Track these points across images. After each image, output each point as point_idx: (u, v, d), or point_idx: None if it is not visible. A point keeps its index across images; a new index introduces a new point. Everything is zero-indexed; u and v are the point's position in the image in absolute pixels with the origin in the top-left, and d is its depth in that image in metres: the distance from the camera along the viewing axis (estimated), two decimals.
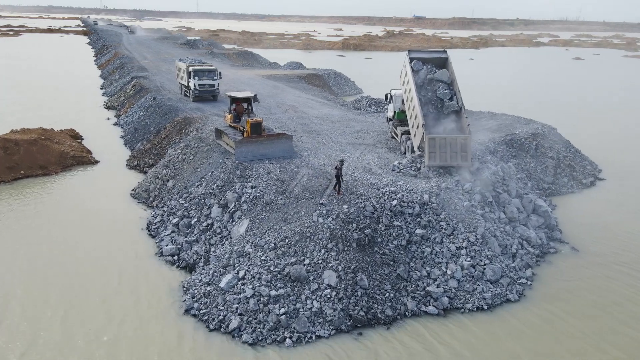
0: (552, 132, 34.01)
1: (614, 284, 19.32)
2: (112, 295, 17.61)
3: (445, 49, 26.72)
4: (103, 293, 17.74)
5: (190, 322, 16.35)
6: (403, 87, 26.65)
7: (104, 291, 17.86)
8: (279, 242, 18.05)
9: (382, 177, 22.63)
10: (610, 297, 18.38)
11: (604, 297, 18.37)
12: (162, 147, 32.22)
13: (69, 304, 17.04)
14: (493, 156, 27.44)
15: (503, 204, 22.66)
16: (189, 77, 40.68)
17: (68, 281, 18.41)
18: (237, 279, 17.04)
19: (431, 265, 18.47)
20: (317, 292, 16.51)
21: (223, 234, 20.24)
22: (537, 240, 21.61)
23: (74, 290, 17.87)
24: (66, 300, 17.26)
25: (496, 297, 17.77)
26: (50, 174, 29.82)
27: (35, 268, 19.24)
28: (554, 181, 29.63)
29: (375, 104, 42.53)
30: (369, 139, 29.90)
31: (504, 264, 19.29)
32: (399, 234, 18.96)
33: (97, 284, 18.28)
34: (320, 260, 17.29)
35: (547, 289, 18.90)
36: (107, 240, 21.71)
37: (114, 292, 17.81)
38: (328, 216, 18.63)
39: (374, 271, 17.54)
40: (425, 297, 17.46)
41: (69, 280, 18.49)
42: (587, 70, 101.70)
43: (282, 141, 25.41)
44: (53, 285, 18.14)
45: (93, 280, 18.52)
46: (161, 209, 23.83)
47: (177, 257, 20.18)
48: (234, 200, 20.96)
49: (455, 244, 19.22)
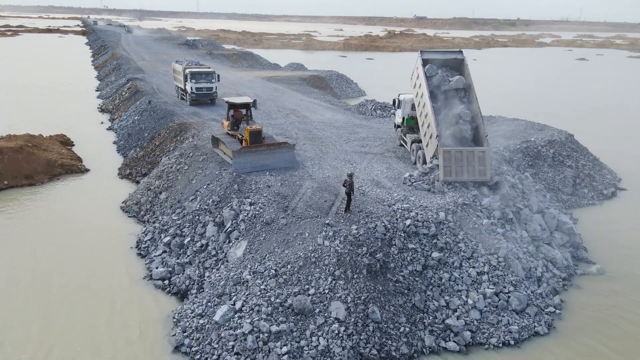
0: (569, 138, 32.13)
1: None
2: (95, 328, 15.73)
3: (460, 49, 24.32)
4: (86, 325, 15.86)
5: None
6: (414, 90, 24.70)
7: (88, 322, 15.98)
8: (280, 268, 16.16)
9: (393, 192, 20.75)
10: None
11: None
12: (156, 155, 30.34)
13: (49, 337, 15.17)
14: (509, 166, 25.59)
15: (524, 220, 20.78)
16: (185, 80, 38.83)
17: (49, 311, 16.52)
18: (233, 311, 15.16)
19: (450, 293, 16.58)
20: (324, 327, 14.63)
21: (219, 256, 18.37)
22: (562, 262, 19.74)
23: (55, 321, 15.99)
24: (46, 332, 15.39)
25: (523, 330, 15.88)
26: (36, 184, 27.95)
27: (15, 294, 17.37)
28: (573, 192, 27.75)
29: (381, 109, 40.62)
30: (376, 147, 28.02)
31: (529, 290, 17.41)
32: (414, 258, 17.07)
33: (80, 314, 16.39)
34: (327, 289, 15.41)
35: (579, 318, 17.02)
36: (93, 261, 19.81)
37: (98, 324, 15.93)
38: (335, 238, 16.75)
39: (387, 302, 15.65)
40: (444, 331, 15.57)
41: (50, 310, 16.60)
42: (594, 71, 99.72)
43: (283, 151, 23.56)
44: (33, 315, 16.27)
45: (76, 310, 16.63)
46: (152, 224, 21.96)
47: (168, 281, 18.30)
48: (231, 219, 19.07)
49: (475, 268, 17.34)
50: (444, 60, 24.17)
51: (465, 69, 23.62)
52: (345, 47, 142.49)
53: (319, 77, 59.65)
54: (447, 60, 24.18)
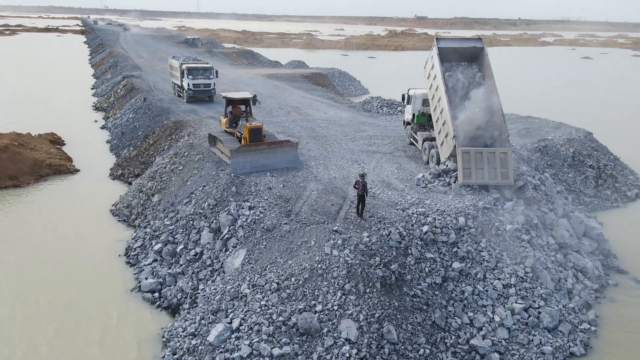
0: (588, 137, 30.30)
1: None
2: (76, 346, 13.93)
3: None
4: (66, 342, 14.08)
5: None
6: (428, 82, 22.69)
7: (68, 340, 14.20)
8: (283, 281, 14.33)
9: (406, 194, 18.93)
10: None
11: None
12: (149, 154, 28.52)
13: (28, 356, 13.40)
14: (528, 166, 23.76)
15: (550, 226, 18.94)
16: (182, 76, 37.00)
17: (25, 327, 14.73)
18: (230, 330, 13.33)
19: (474, 309, 14.74)
20: (333, 350, 12.79)
21: (214, 266, 16.53)
22: (594, 271, 17.92)
23: (31, 339, 14.21)
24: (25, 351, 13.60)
25: (558, 351, 14.05)
26: (21, 186, 26.15)
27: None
28: (595, 194, 25.94)
29: (387, 106, 38.75)
30: (385, 146, 26.18)
31: (561, 304, 15.59)
32: (433, 269, 15.25)
33: (60, 330, 14.63)
34: (336, 306, 13.58)
35: (617, 335, 15.22)
36: (77, 270, 18.01)
37: (79, 342, 14.14)
38: (344, 247, 14.91)
39: (404, 319, 13.82)
40: (469, 352, 13.73)
41: (26, 326, 14.82)
42: (601, 69, 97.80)
43: (285, 150, 21.74)
44: (6, 331, 14.48)
45: (55, 326, 14.85)
46: (143, 230, 20.16)
47: (158, 293, 16.49)
48: (228, 225, 17.24)
49: (501, 280, 15.51)
50: (461, 49, 22.14)
51: (484, 59, 21.66)
52: (346, 46, 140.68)
53: (321, 74, 57.82)
54: (465, 49, 22.16)
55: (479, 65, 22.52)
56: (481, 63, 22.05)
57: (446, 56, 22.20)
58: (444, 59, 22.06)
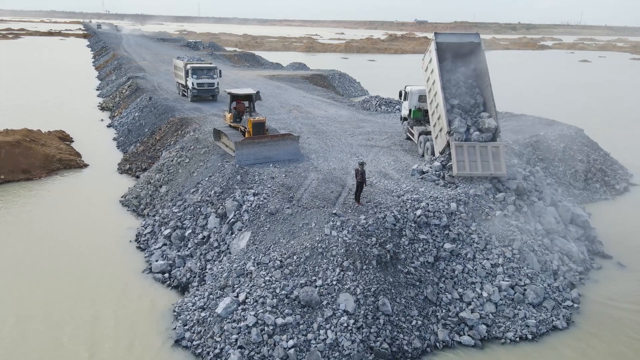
0: (579, 133, 31.40)
1: None
2: (91, 322, 14.98)
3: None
4: (84, 318, 15.11)
5: (181, 355, 13.72)
6: (425, 75, 23.58)
7: (85, 316, 15.23)
8: (285, 259, 15.40)
9: (401, 183, 20.02)
10: None
11: None
12: (156, 149, 29.65)
13: (46, 329, 14.43)
14: (519, 159, 24.84)
15: (538, 213, 20.00)
16: (186, 76, 38.19)
17: (45, 304, 15.79)
18: (236, 303, 14.40)
19: (464, 286, 15.81)
20: (332, 320, 13.86)
21: (221, 248, 17.61)
22: (579, 255, 18.97)
23: (54, 314, 15.26)
24: (42, 325, 14.65)
25: (541, 324, 15.10)
26: (33, 179, 27.25)
27: (13, 288, 16.64)
28: (585, 187, 27.01)
29: (386, 104, 39.92)
30: (382, 141, 27.30)
31: (546, 283, 16.63)
32: (425, 249, 16.33)
33: (78, 308, 15.64)
34: (335, 281, 14.64)
35: (598, 313, 16.21)
36: (90, 254, 19.08)
37: (94, 318, 15.18)
38: (343, 228, 15.99)
39: (398, 294, 14.88)
40: (458, 324, 14.79)
41: (46, 303, 15.87)
42: (597, 71, 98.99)
43: (287, 142, 22.85)
44: (32, 308, 15.53)
45: (73, 303, 15.88)
46: (152, 218, 21.24)
47: (168, 274, 17.55)
48: (234, 210, 18.33)
49: (489, 260, 16.57)
50: (459, 44, 22.95)
51: (481, 55, 22.51)
52: (347, 49, 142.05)
53: (321, 75, 59.01)
54: (463, 44, 22.97)
55: (475, 62, 23.35)
56: (477, 59, 22.85)
57: (444, 52, 22.94)
58: (442, 53, 22.86)
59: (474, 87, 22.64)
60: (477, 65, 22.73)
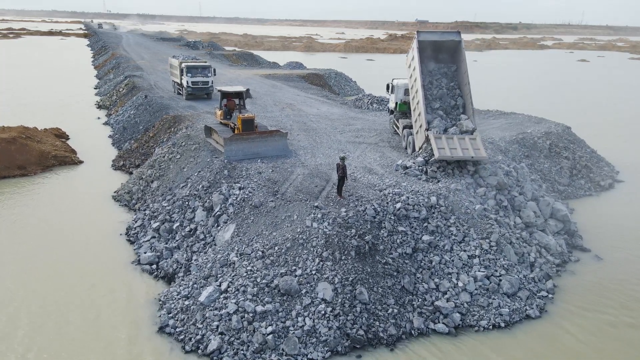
0: (566, 131, 31.89)
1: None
2: (81, 310, 15.52)
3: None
4: (72, 307, 15.65)
5: (165, 341, 14.24)
6: (409, 72, 24.13)
7: (73, 305, 15.77)
8: (267, 249, 15.93)
9: (385, 178, 20.53)
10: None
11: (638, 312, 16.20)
12: (149, 146, 30.20)
13: (36, 315, 14.97)
14: (504, 156, 25.34)
15: (518, 207, 20.51)
16: (181, 74, 38.72)
17: (39, 294, 16.33)
18: (219, 292, 14.93)
19: (440, 276, 16.32)
20: (310, 308, 14.38)
21: (207, 240, 18.15)
22: (557, 248, 19.46)
23: (43, 302, 15.80)
24: (33, 312, 15.19)
25: (514, 313, 15.60)
26: (28, 175, 27.82)
27: (3, 277, 17.22)
28: (570, 183, 27.47)
29: (377, 102, 40.42)
30: (371, 138, 27.81)
31: (522, 274, 17.13)
32: (404, 241, 16.83)
33: (67, 297, 16.18)
34: (314, 270, 15.17)
35: (571, 302, 16.70)
36: (82, 246, 19.64)
37: (84, 306, 15.72)
38: (323, 220, 16.52)
39: (375, 283, 15.40)
40: (433, 312, 15.30)
41: (40, 292, 16.41)
42: (595, 71, 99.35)
43: (275, 139, 23.36)
44: (22, 295, 16.08)
45: (62, 292, 16.43)
46: (143, 212, 21.78)
47: (155, 265, 18.09)
48: (220, 203, 18.87)
49: (466, 252, 17.08)
50: (440, 42, 23.46)
51: (461, 53, 23.04)
52: (346, 48, 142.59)
53: (317, 74, 59.48)
54: (444, 42, 23.50)
55: (457, 61, 23.94)
56: (458, 55, 23.38)
57: (426, 50, 23.50)
58: (424, 52, 23.41)
59: (455, 88, 23.18)
60: (458, 64, 23.24)
